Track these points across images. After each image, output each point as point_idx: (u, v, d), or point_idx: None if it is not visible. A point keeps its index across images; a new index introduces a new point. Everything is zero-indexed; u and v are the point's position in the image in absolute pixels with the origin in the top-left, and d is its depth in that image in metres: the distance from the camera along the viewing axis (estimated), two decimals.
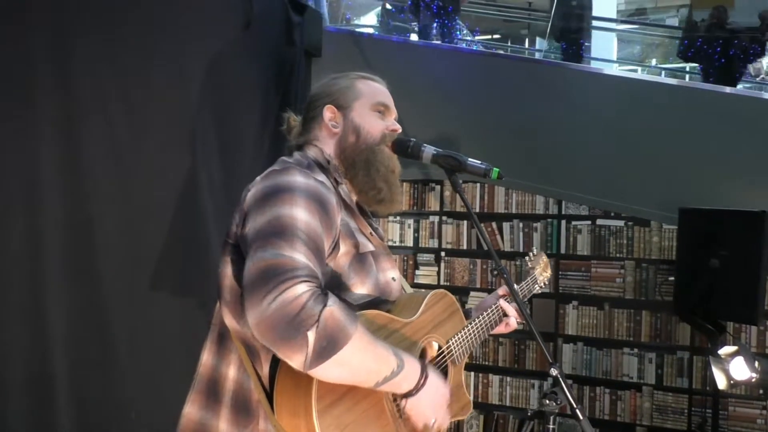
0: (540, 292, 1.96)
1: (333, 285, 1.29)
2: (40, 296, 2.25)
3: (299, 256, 1.14)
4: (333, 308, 1.10)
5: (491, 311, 1.64)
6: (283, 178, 1.25)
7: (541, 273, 1.95)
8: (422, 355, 1.44)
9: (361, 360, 1.14)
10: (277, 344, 1.08)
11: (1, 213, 2.17)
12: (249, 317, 1.10)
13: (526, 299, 1.89)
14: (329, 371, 1.11)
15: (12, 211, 2.19)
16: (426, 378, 1.26)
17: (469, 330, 1.54)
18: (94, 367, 2.40)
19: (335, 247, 1.29)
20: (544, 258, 1.99)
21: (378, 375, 1.18)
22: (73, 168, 2.35)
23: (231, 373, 1.31)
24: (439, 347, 1.46)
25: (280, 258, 1.13)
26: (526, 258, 1.96)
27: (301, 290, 1.09)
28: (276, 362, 1.21)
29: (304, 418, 1.17)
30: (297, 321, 1.07)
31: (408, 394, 1.25)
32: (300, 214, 1.19)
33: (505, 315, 1.66)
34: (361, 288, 1.33)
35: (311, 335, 1.07)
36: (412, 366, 1.24)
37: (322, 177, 1.33)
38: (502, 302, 1.67)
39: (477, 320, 1.58)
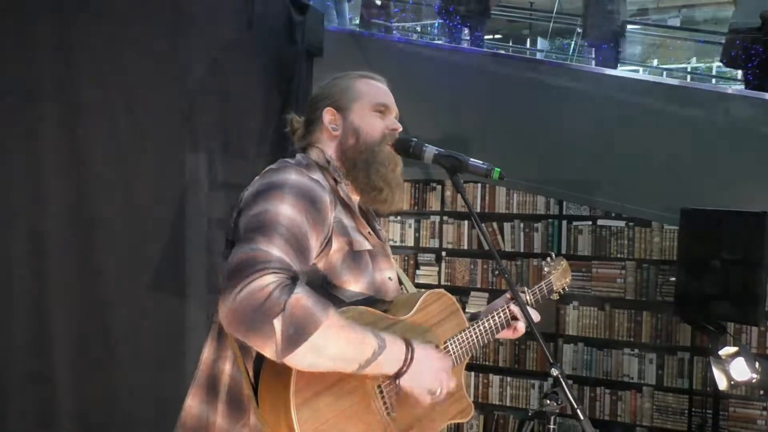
0: (557, 298, 1.91)
1: (325, 281, 1.30)
2: (40, 296, 2.26)
3: (274, 249, 1.15)
4: (300, 296, 1.10)
5: (497, 314, 1.58)
6: (276, 176, 1.28)
7: (559, 279, 1.86)
8: None
9: (336, 344, 1.14)
10: (246, 334, 1.10)
11: (3, 213, 2.17)
12: (220, 310, 1.11)
13: (540, 303, 1.80)
14: (304, 359, 1.11)
15: (14, 211, 2.20)
16: (413, 353, 1.23)
17: (470, 332, 1.50)
18: (94, 367, 2.40)
19: (327, 243, 1.29)
20: (563, 264, 1.91)
21: (359, 358, 1.16)
22: (74, 168, 2.36)
23: (227, 368, 1.32)
24: (437, 347, 1.44)
25: (255, 252, 1.14)
26: (543, 263, 1.89)
27: (268, 280, 1.10)
28: (262, 357, 1.21)
29: (284, 411, 1.16)
30: (262, 310, 1.08)
31: (399, 374, 1.23)
32: (285, 210, 1.21)
33: (514, 318, 1.60)
34: (354, 285, 1.33)
35: (277, 323, 1.07)
36: (395, 344, 1.22)
37: (318, 176, 1.34)
38: (512, 306, 1.60)
39: (480, 322, 1.54)
